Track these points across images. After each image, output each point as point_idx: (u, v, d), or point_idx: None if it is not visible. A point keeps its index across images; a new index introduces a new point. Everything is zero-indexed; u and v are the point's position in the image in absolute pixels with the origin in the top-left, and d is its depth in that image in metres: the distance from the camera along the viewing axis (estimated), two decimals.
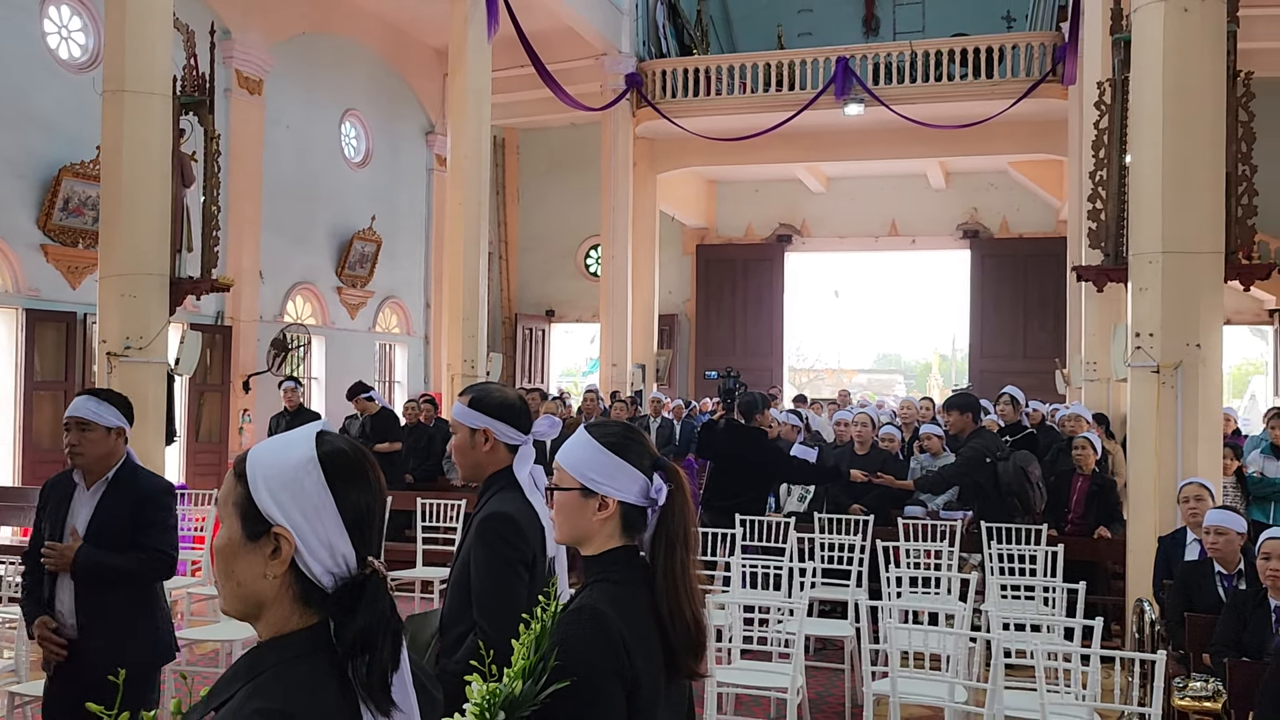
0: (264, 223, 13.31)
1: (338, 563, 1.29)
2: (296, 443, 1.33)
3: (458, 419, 2.60)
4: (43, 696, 3.51)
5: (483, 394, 2.61)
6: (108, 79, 7.57)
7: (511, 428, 2.57)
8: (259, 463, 1.31)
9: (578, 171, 18.59)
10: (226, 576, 1.31)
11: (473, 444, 2.57)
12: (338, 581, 1.29)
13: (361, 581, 1.29)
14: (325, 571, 1.28)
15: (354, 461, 1.34)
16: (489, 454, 2.57)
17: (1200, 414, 5.82)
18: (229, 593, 1.32)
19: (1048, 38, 14.74)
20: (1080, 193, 10.27)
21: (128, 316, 7.45)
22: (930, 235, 18.88)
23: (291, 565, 1.28)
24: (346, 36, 15.00)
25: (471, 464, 2.59)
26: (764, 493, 7.42)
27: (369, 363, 15.74)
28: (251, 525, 1.28)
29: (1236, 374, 22.06)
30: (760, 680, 4.88)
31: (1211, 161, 5.88)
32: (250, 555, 1.29)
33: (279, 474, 1.29)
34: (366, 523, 1.32)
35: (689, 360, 19.58)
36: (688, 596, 1.85)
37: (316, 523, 1.28)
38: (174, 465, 11.36)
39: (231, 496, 1.31)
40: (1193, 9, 5.82)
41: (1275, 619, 4.09)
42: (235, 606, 1.32)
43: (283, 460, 1.30)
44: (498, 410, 2.57)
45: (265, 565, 1.28)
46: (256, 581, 1.29)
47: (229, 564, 1.30)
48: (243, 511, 1.29)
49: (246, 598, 1.30)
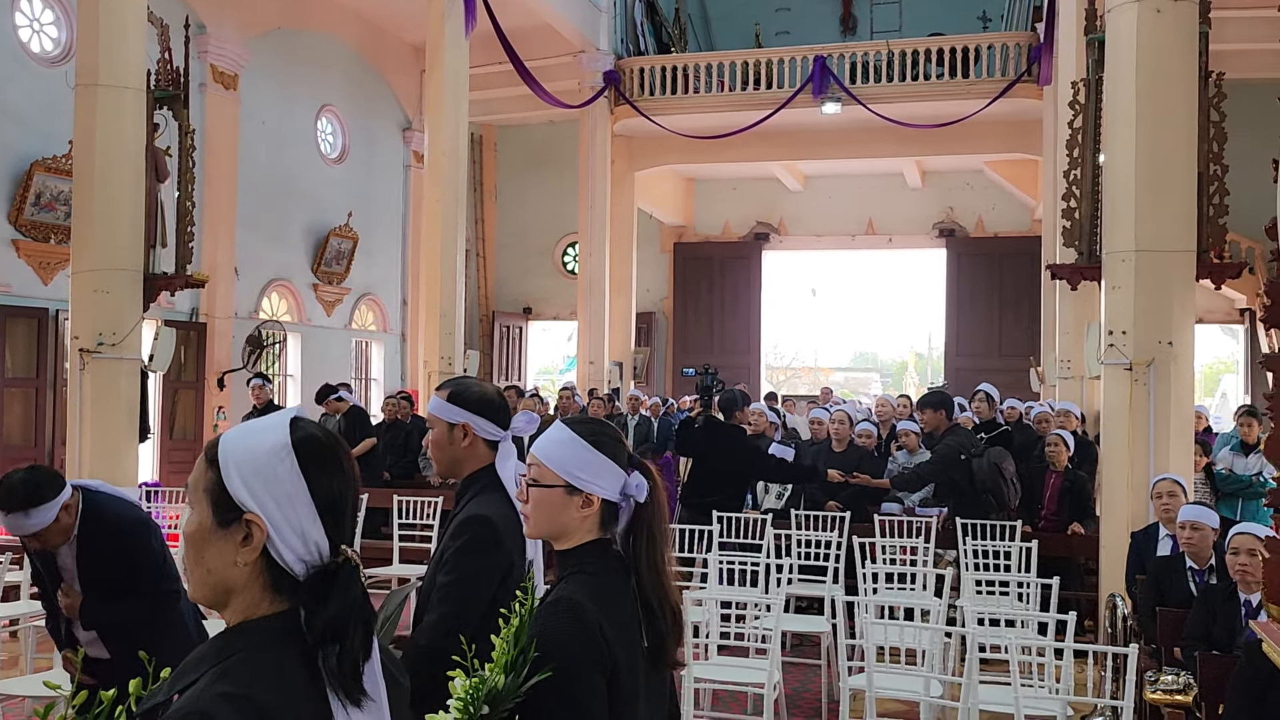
0: (239, 219, 13.21)
1: (310, 550, 1.27)
2: (270, 429, 1.31)
3: (435, 414, 2.53)
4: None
5: (461, 388, 2.55)
6: (80, 73, 7.49)
7: (491, 423, 2.51)
8: (231, 448, 1.29)
9: (555, 169, 18.56)
10: (196, 563, 1.29)
11: (451, 439, 2.50)
12: (309, 569, 1.27)
13: (334, 570, 1.28)
14: (297, 559, 1.27)
15: (327, 448, 1.32)
16: (468, 449, 2.50)
17: (1172, 411, 5.88)
18: (198, 579, 1.30)
19: (1023, 38, 14.85)
20: (1055, 192, 10.35)
21: (101, 312, 7.38)
22: (906, 234, 18.98)
23: (263, 552, 1.26)
24: (322, 32, 14.91)
25: (449, 459, 2.53)
26: (741, 490, 7.44)
27: (345, 360, 15.66)
28: (223, 511, 1.27)
29: (1208, 373, 22.30)
30: (737, 675, 4.90)
31: (1184, 161, 5.94)
32: (221, 542, 1.27)
33: (252, 460, 1.27)
34: (340, 510, 1.31)
35: (666, 358, 19.60)
36: (670, 586, 1.89)
37: (289, 510, 1.27)
38: (147, 462, 11.27)
39: (203, 482, 1.29)
40: (1166, 10, 5.89)
41: (1245, 613, 4.14)
42: (204, 594, 1.30)
43: (256, 446, 1.29)
44: (477, 405, 2.51)
45: (236, 552, 1.26)
46: (227, 569, 1.27)
47: (199, 550, 1.28)
48: (214, 497, 1.27)
49: (216, 585, 1.28)
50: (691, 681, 4.63)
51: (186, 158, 8.48)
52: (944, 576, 5.35)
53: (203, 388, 12.73)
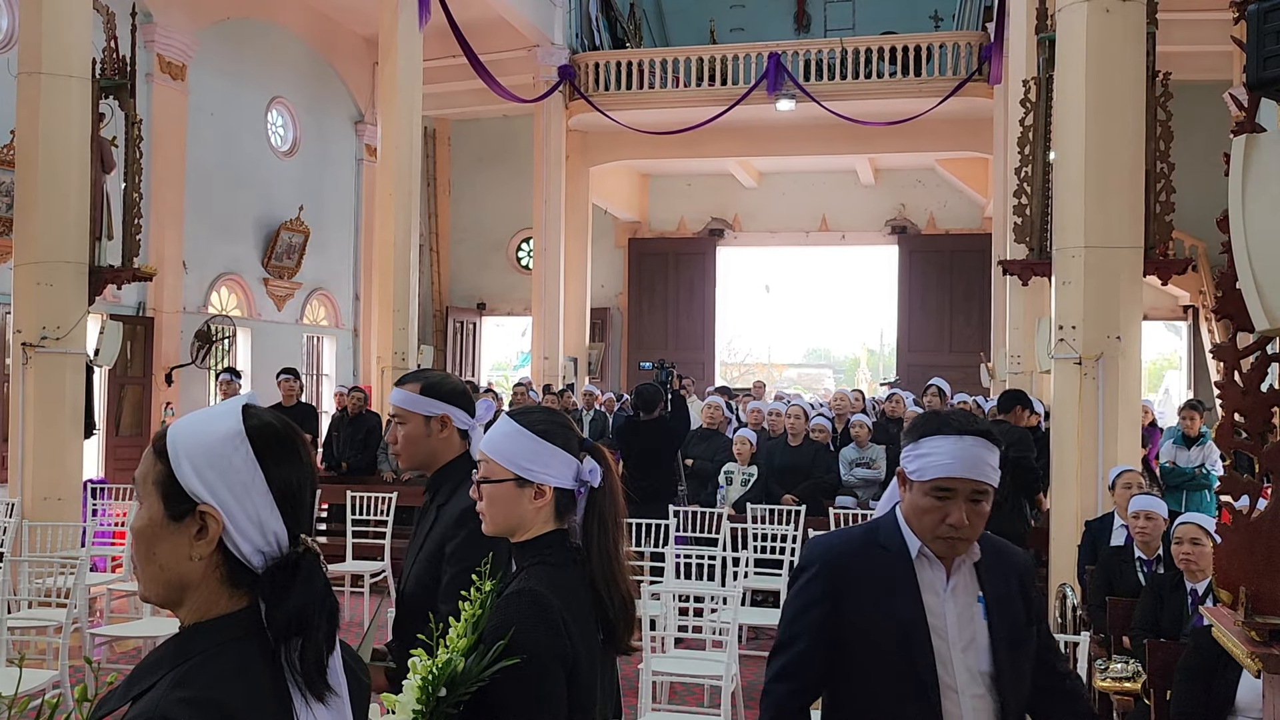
0: (187, 211, 12.98)
1: (269, 541, 1.23)
2: (221, 417, 1.26)
3: (408, 408, 2.50)
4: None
5: (435, 380, 2.54)
6: (23, 60, 7.33)
7: (465, 413, 2.52)
8: (181, 438, 1.24)
9: (510, 163, 18.47)
10: (147, 560, 1.23)
11: (428, 432, 2.49)
12: (268, 561, 1.23)
13: (295, 560, 1.23)
14: (255, 551, 1.22)
15: (283, 435, 1.28)
16: (445, 441, 2.50)
17: (1120, 404, 5.99)
18: (149, 577, 1.24)
19: (974, 37, 15.03)
20: (1005, 189, 10.50)
21: (44, 306, 7.23)
22: (859, 231, 19.13)
23: (219, 545, 1.22)
24: (273, 23, 14.69)
25: (426, 453, 2.51)
26: (668, 471, 7.47)
27: (296, 355, 15.45)
28: (175, 504, 1.22)
29: (1152, 369, 22.73)
30: (694, 669, 4.91)
31: (1132, 158, 6.06)
32: (174, 536, 1.22)
33: (204, 450, 1.23)
34: (298, 499, 1.26)
35: (621, 353, 19.59)
36: (622, 573, 1.89)
37: (246, 500, 1.22)
38: (92, 459, 11.05)
39: (151, 475, 1.24)
40: (1114, 10, 5.99)
41: (1191, 601, 4.23)
42: (156, 592, 1.25)
43: (208, 435, 1.24)
44: (452, 396, 2.51)
45: (190, 546, 1.21)
46: (180, 564, 1.22)
47: (150, 546, 1.23)
48: (164, 490, 1.22)
49: (169, 582, 1.23)
50: (649, 674, 4.63)
51: (133, 148, 8.33)
52: None
53: (150, 383, 12.50)
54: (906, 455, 2.05)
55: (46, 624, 5.52)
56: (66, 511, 7.26)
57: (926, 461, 1.99)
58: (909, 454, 2.03)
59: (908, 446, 2.04)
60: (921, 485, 2.00)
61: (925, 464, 1.99)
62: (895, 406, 8.98)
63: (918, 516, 2.01)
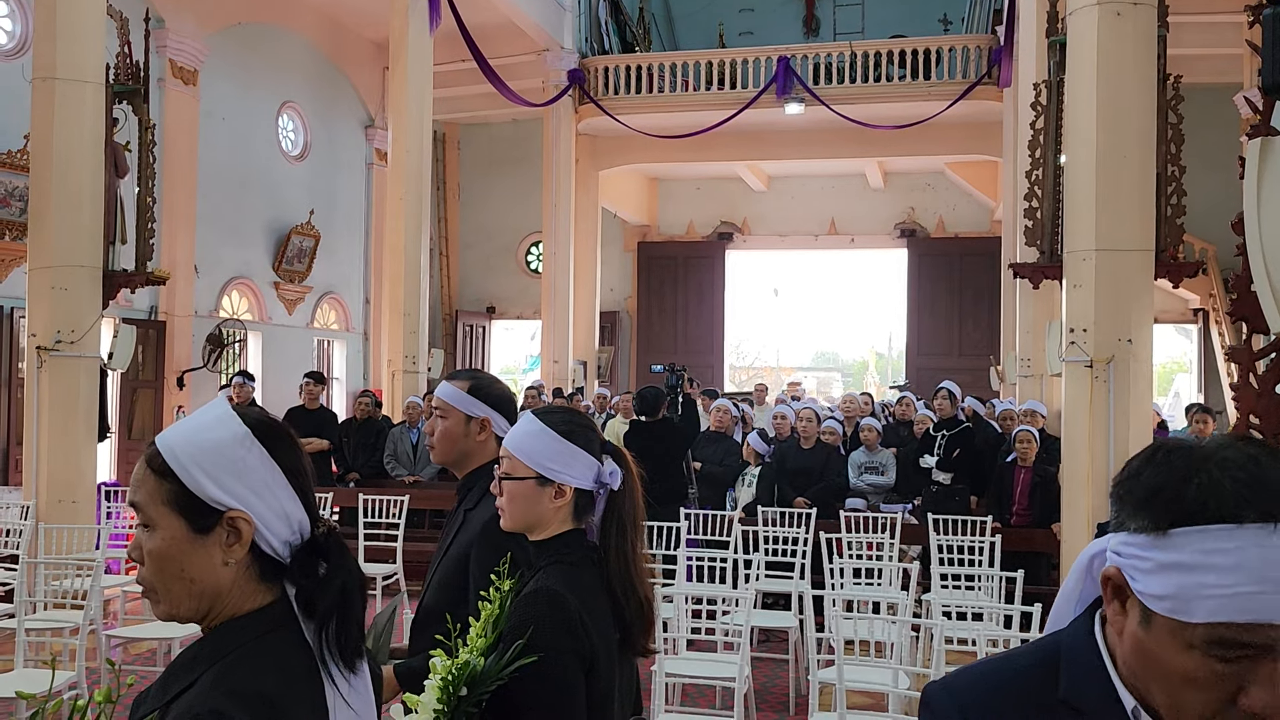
0: (199, 216, 13.04)
1: (294, 530, 1.26)
2: (218, 422, 1.27)
3: (453, 404, 2.48)
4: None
5: (485, 382, 2.52)
6: (38, 66, 7.38)
7: (507, 420, 2.48)
8: (184, 452, 1.24)
9: (519, 167, 18.51)
10: (177, 579, 1.23)
11: (466, 431, 2.46)
12: (293, 549, 1.26)
13: (322, 540, 1.27)
14: (283, 543, 1.26)
15: (279, 426, 1.32)
16: (480, 444, 2.47)
17: (1131, 407, 5.99)
18: (181, 594, 1.23)
19: (983, 41, 15.02)
20: (1015, 193, 10.49)
21: (59, 309, 7.28)
22: (868, 234, 19.12)
23: (250, 545, 1.24)
24: (283, 27, 14.75)
25: (460, 452, 2.48)
26: (677, 472, 7.49)
27: (306, 359, 15.49)
28: (198, 518, 1.22)
29: (1161, 372, 22.64)
30: (707, 670, 4.92)
31: (1143, 161, 6.05)
32: (204, 549, 1.23)
33: (215, 457, 1.23)
34: (308, 482, 1.31)
35: (630, 357, 19.60)
36: (639, 575, 1.91)
37: (269, 496, 1.25)
38: (105, 462, 11.09)
39: (160, 495, 1.23)
40: (1125, 14, 5.99)
41: None
42: (190, 606, 1.24)
43: (213, 442, 1.25)
44: (498, 402, 2.49)
45: (223, 554, 1.23)
46: (214, 573, 1.23)
47: (179, 565, 1.22)
48: (183, 506, 1.22)
49: (203, 593, 1.23)
50: (662, 676, 4.64)
51: (146, 153, 8.37)
52: (909, 571, 5.41)
53: (162, 387, 12.55)
54: (1135, 553, 1.00)
55: (62, 625, 5.55)
56: (81, 514, 7.31)
57: (1197, 584, 0.95)
58: (1143, 554, 0.99)
59: (1141, 536, 1.00)
60: (1186, 631, 0.96)
61: (1194, 588, 0.95)
62: (905, 410, 8.98)
63: (1165, 680, 0.99)
